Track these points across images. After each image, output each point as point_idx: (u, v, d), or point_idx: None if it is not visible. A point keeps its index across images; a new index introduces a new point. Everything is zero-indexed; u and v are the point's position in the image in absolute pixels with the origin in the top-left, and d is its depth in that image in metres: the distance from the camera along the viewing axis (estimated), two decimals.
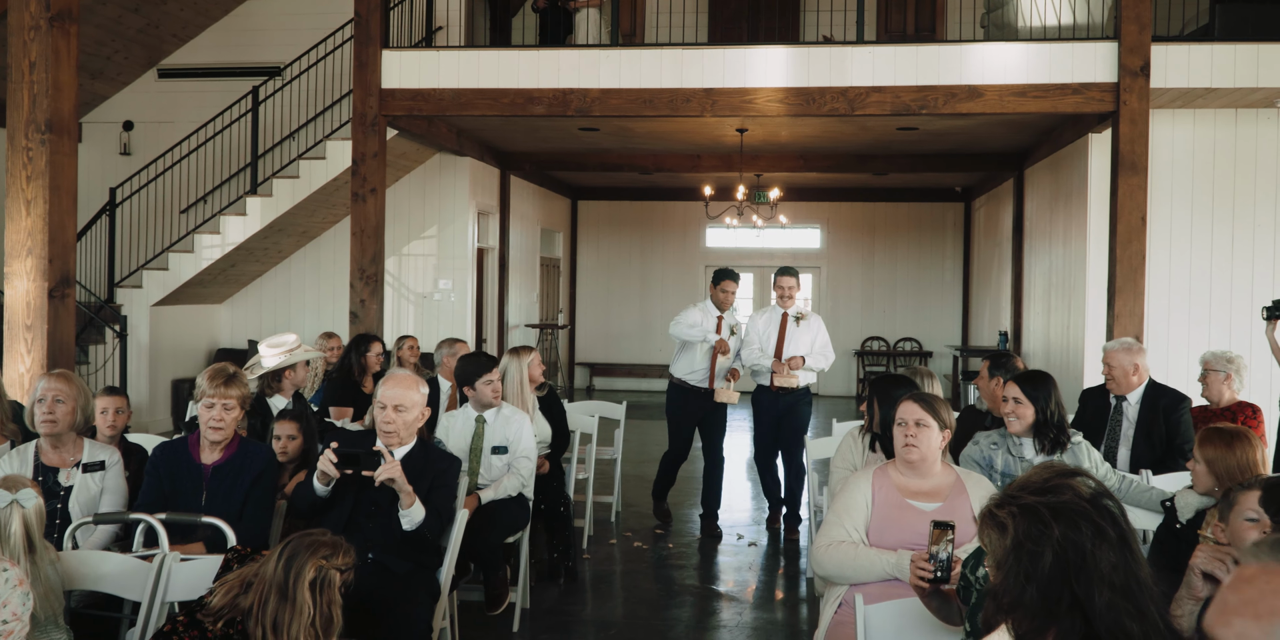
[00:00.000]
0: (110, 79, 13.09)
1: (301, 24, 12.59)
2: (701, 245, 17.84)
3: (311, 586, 3.20)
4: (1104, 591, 2.01)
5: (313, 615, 3.19)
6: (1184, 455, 5.54)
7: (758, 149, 12.85)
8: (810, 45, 9.37)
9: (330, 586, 3.24)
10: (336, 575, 3.27)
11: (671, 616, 5.94)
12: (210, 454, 4.39)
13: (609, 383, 17.87)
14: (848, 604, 3.77)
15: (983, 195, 15.69)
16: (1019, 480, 2.23)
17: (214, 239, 11.58)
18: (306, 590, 3.18)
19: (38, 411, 4.41)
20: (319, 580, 3.21)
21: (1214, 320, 9.62)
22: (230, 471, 4.37)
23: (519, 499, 5.62)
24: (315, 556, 3.22)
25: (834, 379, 17.15)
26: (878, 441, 4.88)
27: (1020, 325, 12.69)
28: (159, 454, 4.41)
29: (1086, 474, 2.19)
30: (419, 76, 9.54)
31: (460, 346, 7.22)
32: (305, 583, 3.19)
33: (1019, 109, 8.91)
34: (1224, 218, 9.67)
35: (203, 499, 4.31)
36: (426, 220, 12.52)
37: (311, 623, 3.18)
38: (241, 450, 4.43)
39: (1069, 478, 2.15)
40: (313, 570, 3.21)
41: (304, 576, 3.19)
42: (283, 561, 3.22)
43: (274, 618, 3.17)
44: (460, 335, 11.84)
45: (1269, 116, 9.58)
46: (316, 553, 3.24)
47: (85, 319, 10.93)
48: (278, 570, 3.21)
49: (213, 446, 4.39)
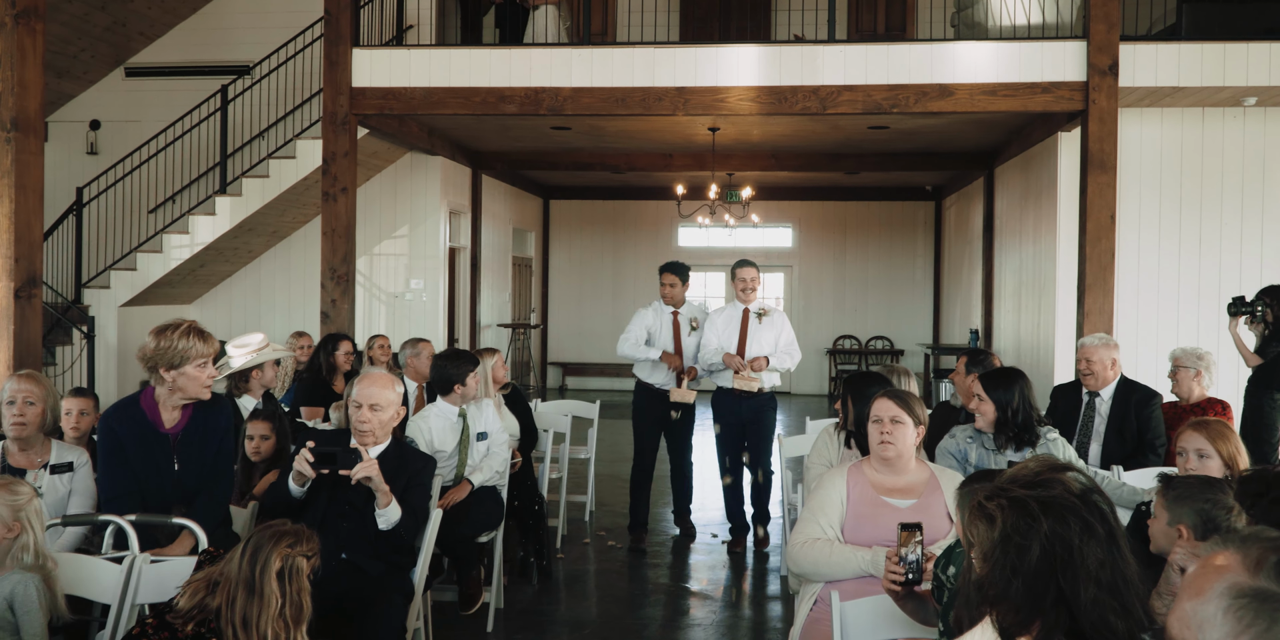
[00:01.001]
0: (77, 77, 12.95)
1: (270, 22, 12.50)
2: (674, 244, 17.84)
3: (279, 577, 3.17)
4: (1090, 587, 2.01)
5: (281, 605, 3.16)
6: (1154, 451, 5.60)
7: (730, 148, 12.86)
8: (782, 44, 9.38)
9: (298, 574, 3.22)
10: (304, 562, 3.24)
11: (645, 615, 5.94)
12: (171, 417, 4.23)
13: (581, 382, 17.85)
14: (823, 602, 3.77)
15: (953, 194, 15.78)
16: (1009, 473, 2.23)
17: (183, 239, 11.48)
18: (274, 581, 3.16)
19: (7, 413, 4.35)
20: (286, 569, 3.19)
21: (1182, 317, 9.71)
22: (197, 435, 4.25)
23: (494, 496, 5.63)
24: (280, 546, 3.20)
25: (806, 377, 17.22)
26: (853, 439, 4.90)
27: (991, 323, 12.76)
28: (114, 420, 4.18)
29: (1077, 469, 2.19)
30: (390, 75, 9.49)
31: (424, 346, 7.18)
32: (272, 574, 3.16)
33: (989, 108, 8.96)
34: (1191, 215, 9.76)
35: (175, 467, 4.21)
36: (398, 220, 12.46)
37: (280, 613, 3.16)
38: (199, 408, 4.28)
39: (1060, 472, 2.15)
40: (279, 560, 3.18)
41: (270, 567, 3.16)
42: (248, 556, 3.20)
43: (243, 614, 3.14)
44: (432, 335, 11.81)
45: (1235, 115, 9.67)
46: (280, 542, 3.21)
47: (52, 320, 10.81)
48: (243, 566, 3.19)
49: (173, 410, 4.22)
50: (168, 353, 4.10)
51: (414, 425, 5.55)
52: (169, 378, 4.13)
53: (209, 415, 4.30)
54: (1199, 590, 1.37)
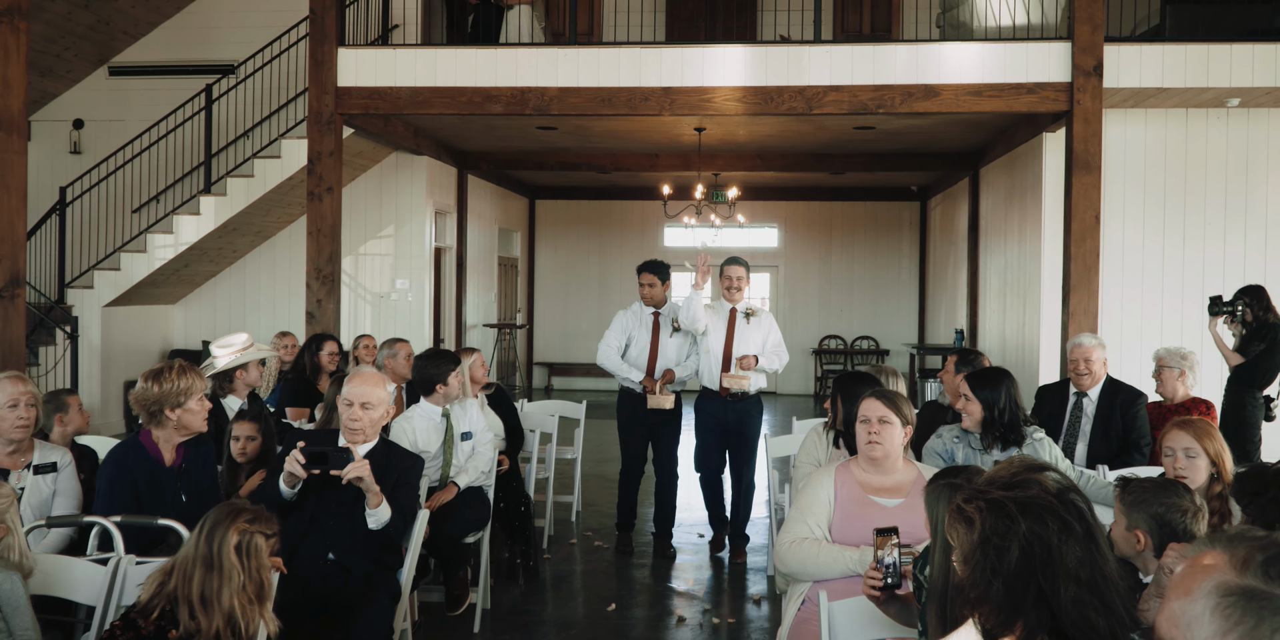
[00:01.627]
0: (60, 76, 12.89)
1: (255, 21, 12.47)
2: (660, 244, 17.84)
3: (237, 550, 3.16)
4: (1070, 586, 2.02)
5: (242, 580, 3.13)
6: (1139, 450, 5.63)
7: (716, 148, 12.87)
8: (768, 45, 9.39)
9: (258, 552, 3.20)
10: (262, 540, 3.22)
11: (632, 616, 5.94)
12: (170, 455, 4.32)
13: (567, 382, 17.85)
14: (811, 601, 3.78)
15: (939, 194, 15.82)
16: (987, 475, 2.24)
17: (167, 239, 11.43)
18: (233, 554, 3.14)
19: (10, 416, 4.34)
20: (244, 544, 3.17)
21: (1166, 317, 9.76)
22: (194, 469, 4.35)
23: (480, 497, 5.62)
24: (236, 522, 3.19)
25: (792, 377, 17.24)
26: (841, 438, 4.90)
27: (976, 323, 12.80)
28: (125, 458, 4.25)
29: (1054, 469, 2.20)
30: (375, 75, 9.46)
31: (400, 346, 7.16)
32: (230, 547, 3.15)
33: (974, 108, 8.98)
34: (1175, 216, 9.81)
35: (183, 500, 4.30)
36: (383, 219, 12.44)
37: (242, 588, 3.13)
38: (189, 443, 4.38)
39: (1036, 472, 2.16)
40: (236, 535, 3.17)
41: (228, 542, 3.15)
42: (204, 535, 3.18)
43: (201, 590, 3.11)
44: (418, 335, 11.80)
45: (1219, 116, 9.73)
46: (237, 519, 3.20)
47: (35, 320, 10.76)
48: (200, 544, 3.17)
49: (173, 448, 4.32)
50: (172, 393, 4.23)
51: (398, 426, 5.52)
52: (174, 417, 4.25)
53: (199, 450, 4.41)
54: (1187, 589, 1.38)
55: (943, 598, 2.65)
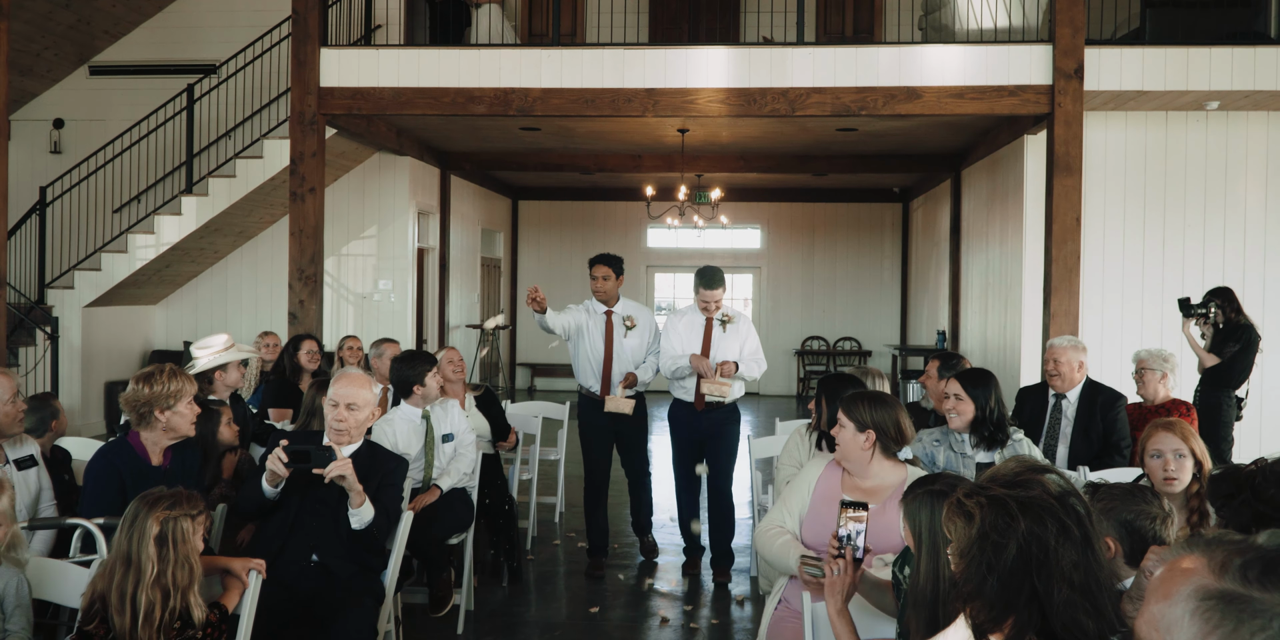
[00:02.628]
0: (40, 76, 12.82)
1: (237, 21, 12.42)
2: (643, 245, 17.86)
3: (158, 541, 3.14)
4: (1063, 588, 2.04)
5: (157, 573, 3.12)
6: (1120, 452, 5.66)
7: (699, 149, 12.89)
8: (750, 46, 9.41)
9: (185, 538, 3.18)
10: (189, 522, 3.20)
11: (616, 617, 5.94)
12: (157, 457, 4.31)
13: (550, 383, 17.83)
14: (786, 601, 3.81)
15: (921, 196, 15.88)
16: (990, 472, 2.26)
17: (148, 239, 11.38)
18: (151, 547, 3.12)
19: (12, 410, 4.36)
20: (167, 534, 3.15)
21: (1146, 319, 9.82)
22: (180, 471, 4.33)
23: (464, 498, 5.62)
24: (155, 511, 3.17)
25: (774, 379, 17.27)
26: (824, 440, 4.91)
27: (958, 324, 12.84)
28: (113, 457, 4.23)
29: (1056, 471, 2.22)
30: (358, 75, 9.44)
31: (388, 347, 7.15)
32: (150, 540, 3.13)
33: (956, 110, 9.02)
34: (1155, 218, 9.87)
35: None
36: (366, 220, 12.41)
37: (156, 581, 3.11)
38: (175, 446, 4.37)
39: (1040, 474, 2.18)
40: (156, 525, 3.15)
41: (147, 535, 3.13)
42: (125, 528, 3.17)
43: (120, 590, 3.10)
44: (401, 336, 11.77)
45: (1198, 119, 9.79)
46: (156, 507, 3.19)
47: (15, 320, 10.69)
48: (121, 541, 3.16)
49: (160, 450, 4.31)
50: (162, 395, 4.23)
51: (378, 429, 5.44)
52: (163, 418, 4.25)
53: (185, 453, 4.40)
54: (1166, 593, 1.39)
55: (931, 603, 2.66)
